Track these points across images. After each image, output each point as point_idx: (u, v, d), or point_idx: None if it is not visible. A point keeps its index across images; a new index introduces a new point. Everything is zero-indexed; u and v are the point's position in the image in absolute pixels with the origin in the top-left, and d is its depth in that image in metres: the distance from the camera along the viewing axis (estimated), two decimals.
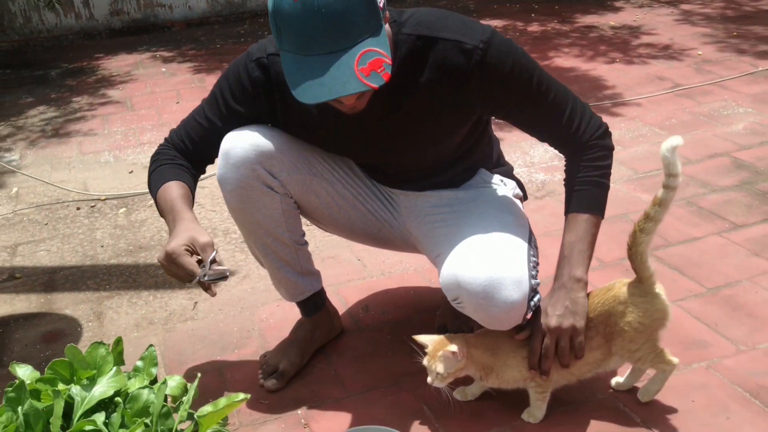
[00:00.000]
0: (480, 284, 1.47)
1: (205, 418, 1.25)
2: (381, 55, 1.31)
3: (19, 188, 3.05)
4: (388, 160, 1.69)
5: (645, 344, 1.54)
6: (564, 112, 1.57)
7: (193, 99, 4.02)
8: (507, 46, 1.50)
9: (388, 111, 1.55)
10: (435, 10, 1.53)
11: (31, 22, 5.31)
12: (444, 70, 1.49)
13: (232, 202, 1.63)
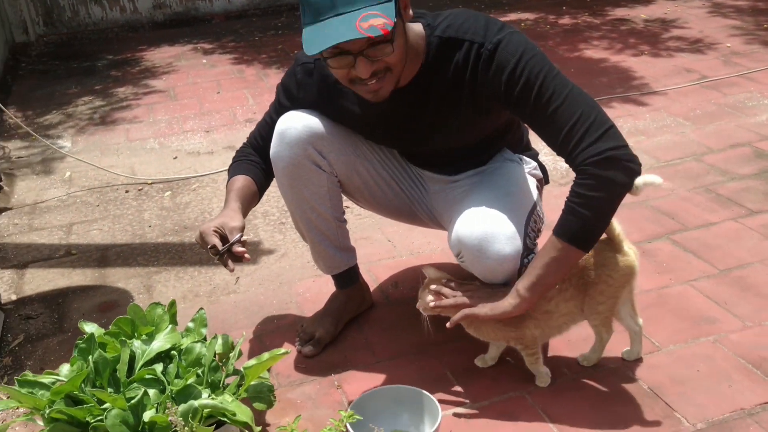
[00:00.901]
0: (476, 237, 1.61)
1: (251, 370, 1.41)
2: (383, 18, 1.43)
3: (71, 172, 3.25)
4: (419, 149, 1.83)
5: (609, 299, 1.66)
6: (564, 125, 1.52)
7: (233, 89, 4.20)
8: (518, 47, 1.57)
9: (417, 106, 1.69)
10: (464, 12, 1.65)
11: (79, 16, 5.54)
12: (463, 68, 1.61)
13: (283, 179, 1.79)
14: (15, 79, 4.62)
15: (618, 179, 1.49)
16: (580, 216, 1.51)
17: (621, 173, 1.49)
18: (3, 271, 2.51)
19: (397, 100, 1.67)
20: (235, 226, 1.65)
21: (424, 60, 1.63)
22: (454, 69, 1.62)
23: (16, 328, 2.18)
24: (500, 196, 1.71)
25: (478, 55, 1.58)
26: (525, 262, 1.66)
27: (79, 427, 1.29)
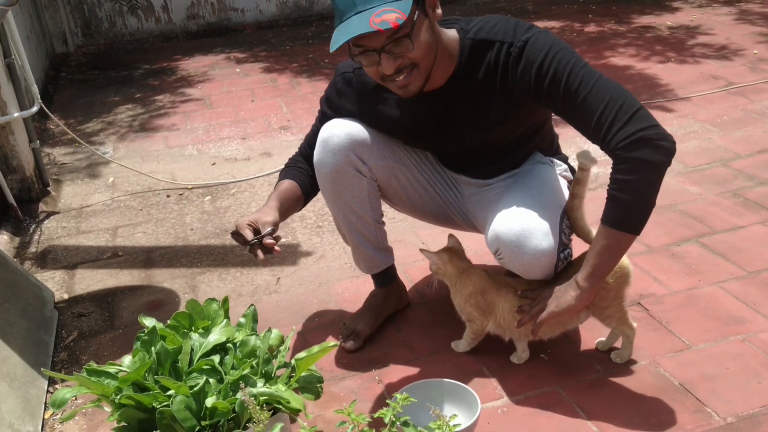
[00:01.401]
0: (514, 234, 1.70)
1: (302, 361, 1.50)
2: (396, 13, 1.54)
3: (114, 178, 3.38)
4: (454, 150, 1.91)
5: (613, 302, 1.77)
6: (594, 113, 1.57)
7: (266, 98, 4.31)
8: (546, 43, 1.65)
9: (451, 107, 1.78)
10: (496, 17, 1.75)
11: (116, 27, 5.70)
12: (494, 67, 1.70)
13: (326, 184, 1.89)
14: (56, 88, 4.77)
15: (651, 158, 1.52)
16: (621, 201, 1.56)
17: (654, 152, 1.52)
18: (54, 272, 2.63)
19: (432, 101, 1.77)
20: (268, 220, 1.76)
21: (458, 62, 1.72)
22: (485, 69, 1.71)
23: (70, 325, 2.29)
24: (534, 195, 1.79)
25: (508, 54, 1.67)
26: (561, 257, 1.73)
27: (145, 411, 1.38)
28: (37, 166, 3.15)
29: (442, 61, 1.70)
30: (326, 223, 2.80)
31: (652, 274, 2.26)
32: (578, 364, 1.89)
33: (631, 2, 6.02)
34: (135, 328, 2.25)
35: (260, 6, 5.97)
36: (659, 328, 2.01)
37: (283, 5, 6.04)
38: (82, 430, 1.84)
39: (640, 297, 2.15)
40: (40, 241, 2.86)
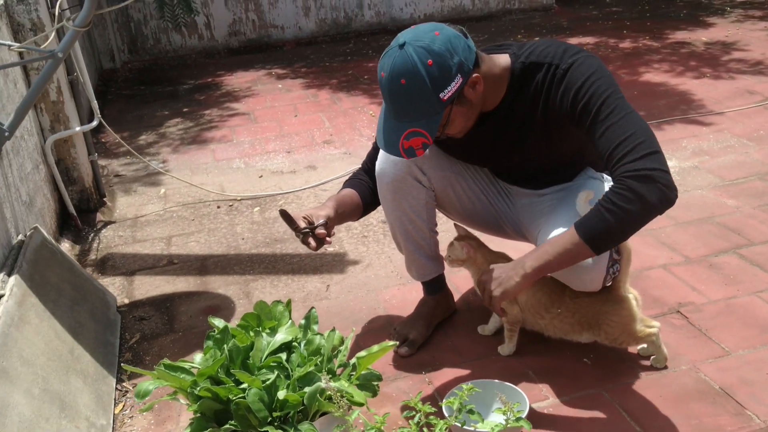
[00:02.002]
0: None
1: (363, 359, 1.60)
2: (424, 136, 1.69)
3: (166, 189, 3.53)
4: (506, 165, 2.01)
5: (622, 334, 1.89)
6: (615, 140, 1.63)
7: (309, 113, 4.45)
8: (589, 68, 1.74)
9: (501, 129, 1.89)
10: (547, 41, 1.85)
11: (160, 43, 5.90)
12: (540, 88, 1.80)
13: (386, 193, 2.00)
14: (105, 103, 4.95)
15: (650, 199, 1.57)
16: (605, 220, 1.61)
17: (655, 194, 1.57)
18: (114, 278, 2.77)
19: (485, 124, 1.88)
20: (321, 213, 1.91)
21: (509, 85, 1.83)
22: (533, 90, 1.81)
23: (132, 328, 2.42)
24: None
25: (553, 75, 1.76)
26: (610, 272, 1.82)
27: (221, 403, 1.49)
28: (95, 177, 3.31)
29: (492, 93, 1.81)
30: (371, 233, 2.91)
31: (691, 283, 2.33)
32: (620, 368, 1.97)
33: (665, 18, 6.09)
34: (194, 331, 2.37)
35: (300, 23, 6.14)
36: (699, 335, 2.08)
37: (322, 22, 6.20)
38: (150, 424, 1.96)
39: (680, 305, 2.22)
40: (99, 249, 3.00)
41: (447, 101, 1.69)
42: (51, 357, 1.92)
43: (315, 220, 1.89)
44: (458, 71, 1.68)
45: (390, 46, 1.70)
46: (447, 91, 1.67)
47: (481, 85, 1.75)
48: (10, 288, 1.97)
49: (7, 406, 1.60)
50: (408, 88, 1.66)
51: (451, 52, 1.66)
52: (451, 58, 1.66)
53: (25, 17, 2.81)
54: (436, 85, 1.66)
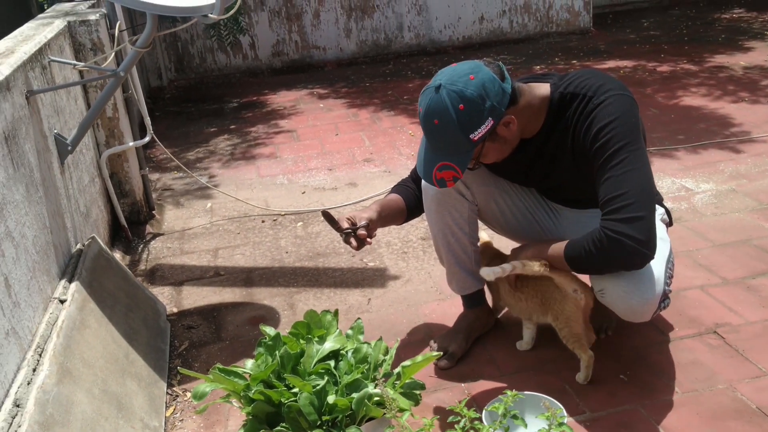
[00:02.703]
0: (623, 281, 1.83)
1: (408, 369, 1.68)
2: (455, 170, 1.83)
3: (212, 203, 3.65)
4: (544, 189, 2.09)
5: (565, 327, 2.00)
6: (609, 193, 1.74)
7: (350, 132, 4.56)
8: (618, 110, 1.80)
9: (537, 156, 1.97)
10: (588, 72, 1.92)
11: (206, 62, 6.08)
12: (573, 118, 1.87)
13: (431, 204, 2.09)
14: (153, 119, 5.10)
15: (613, 261, 1.76)
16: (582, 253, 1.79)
17: (622, 258, 1.74)
18: (163, 288, 2.88)
19: (523, 151, 1.97)
20: (364, 216, 2.02)
21: (547, 114, 1.90)
22: (568, 120, 1.88)
23: (181, 336, 2.52)
24: None
25: (584, 107, 1.84)
26: (661, 306, 1.87)
27: (272, 406, 1.58)
28: (146, 191, 3.44)
29: (529, 124, 1.90)
30: (411, 249, 2.98)
31: (728, 304, 2.37)
32: (657, 385, 2.01)
33: (704, 42, 6.10)
34: (240, 340, 2.46)
35: (341, 44, 6.28)
36: (736, 355, 2.11)
37: (363, 44, 6.33)
38: (200, 427, 2.05)
39: (717, 326, 2.26)
40: (149, 259, 3.12)
41: (477, 141, 1.80)
42: (109, 360, 2.02)
43: (357, 222, 1.99)
44: (489, 114, 1.78)
45: (428, 85, 1.83)
46: (477, 133, 1.79)
47: (514, 124, 1.85)
48: (72, 294, 2.08)
49: (72, 404, 1.70)
50: (440, 128, 1.79)
51: (484, 97, 1.76)
52: (483, 103, 1.76)
53: (86, 38, 2.96)
54: (465, 128, 1.77)
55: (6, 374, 1.61)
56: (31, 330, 1.83)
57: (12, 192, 1.86)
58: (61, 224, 2.30)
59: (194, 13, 2.13)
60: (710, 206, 3.11)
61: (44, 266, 2.03)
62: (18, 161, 1.95)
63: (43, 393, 1.61)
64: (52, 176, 2.30)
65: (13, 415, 1.53)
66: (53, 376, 1.70)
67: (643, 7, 7.75)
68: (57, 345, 1.81)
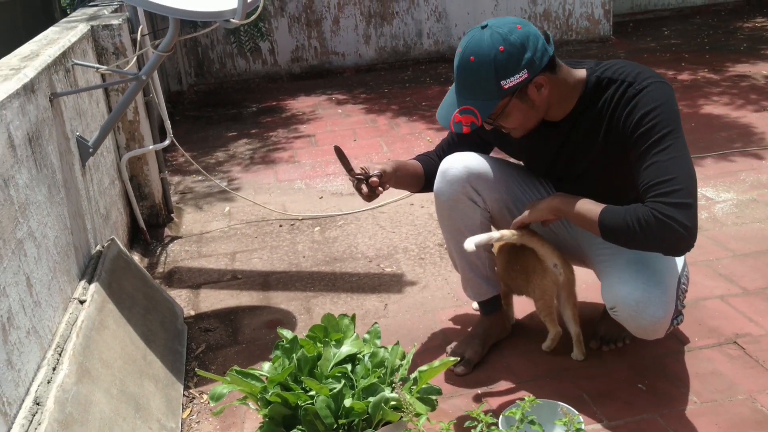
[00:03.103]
0: (634, 300, 1.82)
1: (425, 374, 1.67)
2: (475, 116, 1.79)
3: (230, 207, 3.66)
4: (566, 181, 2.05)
5: (539, 300, 2.11)
6: (657, 177, 1.69)
7: (368, 137, 4.57)
8: (662, 96, 1.78)
9: (564, 140, 1.94)
10: (625, 61, 1.90)
11: (226, 67, 6.12)
12: (609, 103, 1.84)
13: (443, 211, 2.08)
14: (173, 123, 5.11)
15: (655, 242, 1.70)
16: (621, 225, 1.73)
17: (667, 241, 1.69)
18: (180, 290, 2.89)
19: (549, 133, 1.94)
20: (378, 166, 2.02)
21: (580, 97, 1.88)
22: (601, 105, 1.85)
23: (198, 338, 2.53)
24: (653, 256, 1.88)
25: (624, 93, 1.81)
26: (674, 323, 1.85)
27: (289, 408, 1.58)
28: (164, 194, 3.47)
29: (560, 104, 1.88)
30: (428, 255, 2.98)
31: (748, 315, 2.34)
32: (675, 395, 1.99)
33: (725, 51, 6.06)
34: (257, 343, 2.47)
35: (360, 50, 6.31)
36: (756, 366, 2.09)
37: (382, 50, 6.35)
38: (216, 430, 2.06)
39: (737, 336, 2.23)
40: (167, 262, 3.14)
41: (506, 91, 1.77)
42: (127, 360, 2.03)
43: (370, 170, 1.99)
44: (526, 66, 1.76)
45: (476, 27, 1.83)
46: (509, 81, 1.76)
47: (547, 88, 1.81)
48: (91, 294, 2.10)
49: (90, 403, 1.72)
50: (474, 66, 1.77)
51: (525, 47, 1.75)
52: (523, 52, 1.75)
53: (109, 41, 2.99)
54: (500, 72, 1.75)
55: (27, 372, 1.62)
56: (51, 329, 1.84)
57: (35, 193, 1.88)
58: (81, 225, 2.32)
59: (216, 18, 2.15)
60: (731, 216, 3.09)
61: (65, 267, 2.05)
62: (41, 162, 1.98)
63: (62, 392, 1.63)
64: (74, 178, 2.33)
65: (34, 412, 1.54)
66: (72, 376, 1.71)
67: (663, 16, 7.72)
68: (76, 345, 1.82)
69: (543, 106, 1.86)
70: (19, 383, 1.58)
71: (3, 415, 1.47)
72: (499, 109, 1.81)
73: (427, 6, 6.32)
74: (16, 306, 1.63)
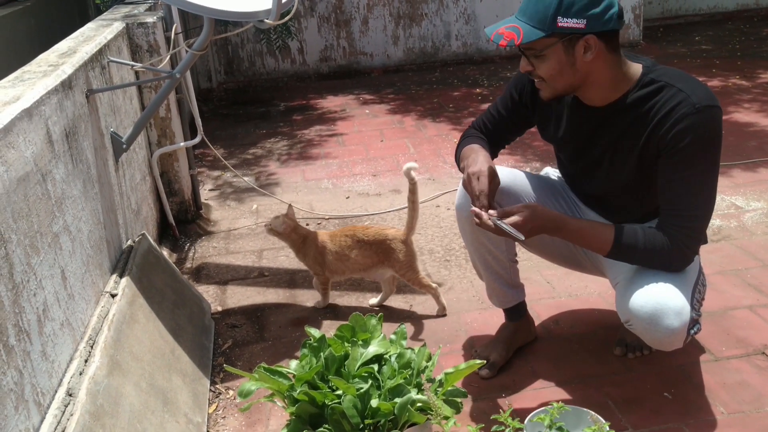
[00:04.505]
0: (647, 312, 1.79)
1: (451, 376, 1.68)
2: (518, 35, 1.74)
3: (258, 205, 3.70)
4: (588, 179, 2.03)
5: (408, 270, 2.50)
6: (681, 207, 1.78)
7: (394, 138, 4.58)
8: (716, 127, 1.76)
9: (600, 130, 1.90)
10: (683, 72, 1.84)
11: (255, 66, 6.17)
12: (658, 109, 1.78)
13: (465, 226, 2.07)
14: (202, 121, 5.19)
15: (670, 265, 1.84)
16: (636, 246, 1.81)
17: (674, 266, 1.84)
18: (208, 287, 2.92)
19: (588, 115, 1.90)
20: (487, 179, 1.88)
21: (628, 91, 1.83)
22: (651, 107, 1.79)
23: (225, 334, 2.56)
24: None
25: (682, 106, 1.74)
26: (690, 333, 1.83)
27: (316, 407, 1.60)
28: (194, 190, 3.50)
29: (601, 88, 1.83)
30: (453, 257, 2.98)
31: None
32: (702, 405, 1.98)
33: (756, 57, 5.99)
34: (283, 340, 2.49)
35: (388, 51, 6.32)
36: None
37: (410, 51, 6.36)
38: (241, 425, 2.08)
39: (765, 347, 2.22)
40: (195, 258, 3.18)
41: (558, 29, 1.72)
42: (156, 355, 2.06)
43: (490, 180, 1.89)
44: (589, 18, 1.71)
45: None
46: (566, 21, 1.71)
47: (593, 54, 1.75)
48: (122, 288, 2.13)
49: (121, 396, 1.75)
50: None
51: (599, 3, 1.72)
52: (592, 4, 1.71)
53: (143, 39, 3.03)
54: (562, 6, 1.71)
55: (60, 364, 1.65)
56: (84, 322, 1.88)
57: (71, 187, 1.92)
58: (113, 220, 2.36)
59: (251, 19, 2.17)
60: (761, 225, 3.05)
61: (97, 260, 2.09)
62: (77, 158, 2.01)
63: (94, 384, 1.66)
64: (107, 173, 2.37)
65: (66, 403, 1.57)
66: (104, 368, 1.74)
67: (694, 21, 7.64)
68: (108, 338, 1.86)
69: (582, 73, 1.79)
70: (53, 374, 1.61)
71: (37, 405, 1.50)
72: (541, 45, 1.75)
73: (456, 8, 6.32)
74: (51, 298, 1.66)
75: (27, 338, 1.49)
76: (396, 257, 2.50)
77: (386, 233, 2.53)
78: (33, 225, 1.61)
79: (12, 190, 1.52)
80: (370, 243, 2.52)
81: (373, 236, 2.53)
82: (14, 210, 1.52)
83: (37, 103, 1.74)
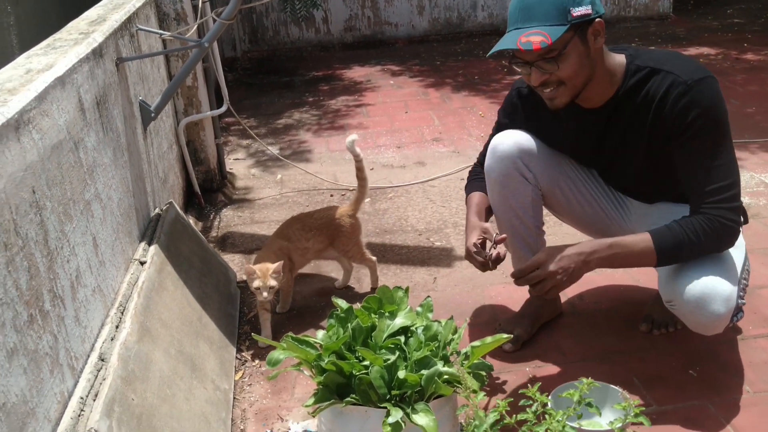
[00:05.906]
0: (694, 296, 1.77)
1: (477, 349, 1.69)
2: (543, 36, 1.69)
3: (282, 176, 3.70)
4: (612, 166, 2.03)
5: (353, 247, 2.53)
6: (712, 183, 1.75)
7: (419, 110, 4.56)
8: (715, 96, 1.76)
9: (604, 128, 1.91)
10: (666, 51, 1.87)
11: (279, 35, 6.15)
12: (654, 95, 1.80)
13: (494, 187, 2.07)
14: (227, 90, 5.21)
15: (721, 246, 1.81)
16: (683, 243, 1.76)
17: (725, 243, 1.81)
18: (233, 255, 2.95)
19: (590, 119, 1.91)
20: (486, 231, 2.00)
21: (621, 85, 1.84)
22: (644, 95, 1.81)
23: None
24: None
25: (675, 86, 1.76)
26: (734, 320, 1.83)
27: (343, 377, 1.61)
28: (219, 159, 3.52)
29: (601, 83, 1.83)
30: None
31: None
32: (728, 383, 1.97)
33: None
34: (308, 310, 2.51)
35: (413, 21, 6.27)
36: None
37: (435, 21, 6.30)
38: (267, 393, 2.11)
39: None
40: (220, 227, 3.20)
41: (574, 19, 1.70)
42: (184, 322, 2.09)
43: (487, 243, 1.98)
44: (591, 4, 1.72)
45: None
46: (578, 10, 1.70)
47: (602, 37, 1.77)
48: (151, 256, 2.16)
49: (150, 361, 1.77)
50: None
51: None
52: None
53: (171, 7, 3.02)
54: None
55: (92, 329, 1.68)
56: (114, 289, 1.90)
57: (101, 155, 1.94)
58: (142, 188, 2.38)
59: None
60: None
61: (126, 228, 2.11)
62: (107, 126, 2.03)
63: (125, 349, 1.68)
64: (136, 141, 2.38)
65: (99, 368, 1.60)
66: (134, 334, 1.77)
67: None
68: (138, 305, 1.88)
69: (594, 63, 1.79)
70: (85, 339, 1.64)
71: (70, 369, 1.53)
72: (562, 42, 1.72)
73: None
74: (83, 265, 1.68)
75: (61, 304, 1.52)
76: (344, 233, 2.51)
77: (331, 213, 2.53)
78: (66, 192, 1.63)
79: (46, 158, 1.53)
80: (320, 227, 2.50)
81: (322, 218, 2.52)
82: (48, 177, 1.53)
83: (69, 71, 1.75)
